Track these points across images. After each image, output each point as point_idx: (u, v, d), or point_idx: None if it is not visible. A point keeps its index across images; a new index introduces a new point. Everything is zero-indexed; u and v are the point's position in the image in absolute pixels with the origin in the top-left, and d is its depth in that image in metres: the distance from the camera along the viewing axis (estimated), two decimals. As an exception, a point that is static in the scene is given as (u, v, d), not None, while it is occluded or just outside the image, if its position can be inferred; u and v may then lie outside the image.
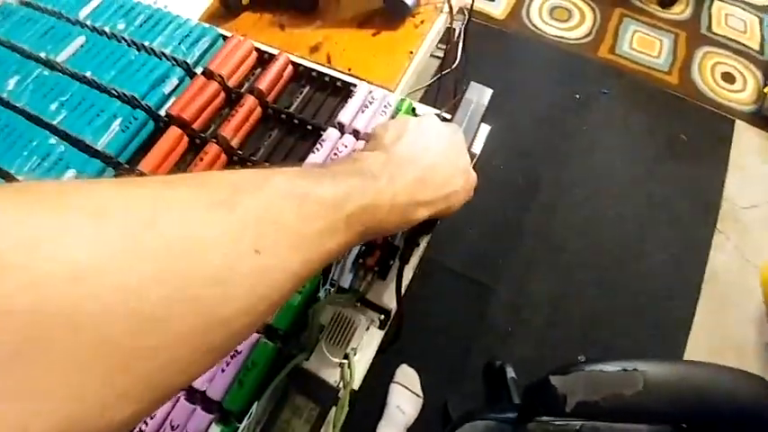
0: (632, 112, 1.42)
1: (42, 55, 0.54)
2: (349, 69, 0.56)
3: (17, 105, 0.51)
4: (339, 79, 0.52)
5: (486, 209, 1.20)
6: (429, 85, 0.83)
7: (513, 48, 1.54)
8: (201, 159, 0.46)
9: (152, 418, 0.36)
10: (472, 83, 0.48)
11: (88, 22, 0.56)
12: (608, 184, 1.30)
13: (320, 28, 0.62)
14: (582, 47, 1.54)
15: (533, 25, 1.58)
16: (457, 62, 0.75)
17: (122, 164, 0.47)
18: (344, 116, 0.48)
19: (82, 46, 0.54)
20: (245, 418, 0.37)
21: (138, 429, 0.36)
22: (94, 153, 0.48)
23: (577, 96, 1.42)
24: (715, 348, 1.08)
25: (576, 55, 1.52)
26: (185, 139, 0.49)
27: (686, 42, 1.54)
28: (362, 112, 0.49)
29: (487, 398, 1.05)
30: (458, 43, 0.77)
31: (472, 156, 0.44)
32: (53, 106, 0.51)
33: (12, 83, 0.53)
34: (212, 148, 0.47)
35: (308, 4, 0.62)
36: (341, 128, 0.48)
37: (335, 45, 0.60)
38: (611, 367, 0.45)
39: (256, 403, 0.38)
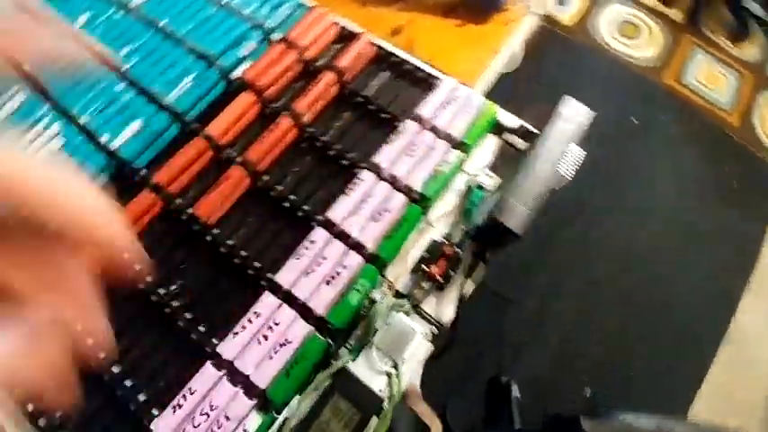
0: (687, 147, 1.36)
1: (118, -5, 0.51)
2: (430, 59, 0.53)
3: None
4: (422, 69, 0.49)
5: (520, 221, 1.17)
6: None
7: (575, 57, 1.47)
8: (272, 131, 0.44)
9: (192, 394, 0.35)
10: (567, 97, 0.44)
11: (168, -32, 0.53)
12: (648, 215, 1.26)
13: (403, 10, 0.58)
14: (646, 69, 1.47)
15: (599, 37, 1.50)
16: (518, 64, 0.71)
17: (190, 122, 0.45)
18: (425, 110, 0.45)
19: (160, -8, 0.52)
20: (285, 410, 0.36)
21: (176, 403, 0.35)
22: (162, 107, 0.46)
23: (633, 119, 1.36)
24: (722, 410, 1.05)
25: (638, 76, 1.45)
26: (257, 106, 0.46)
27: (752, 85, 1.46)
28: (444, 108, 0.46)
29: (487, 413, 1.04)
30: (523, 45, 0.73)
31: (561, 180, 0.41)
32: (124, 51, 0.48)
33: (82, 20, 0.51)
34: (284, 121, 0.45)
35: (395, -18, 0.58)
36: (420, 121, 0.45)
37: (418, 31, 0.57)
38: (646, 422, 0.43)
39: (297, 397, 0.37)
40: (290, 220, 0.42)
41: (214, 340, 0.37)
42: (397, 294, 0.41)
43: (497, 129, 0.47)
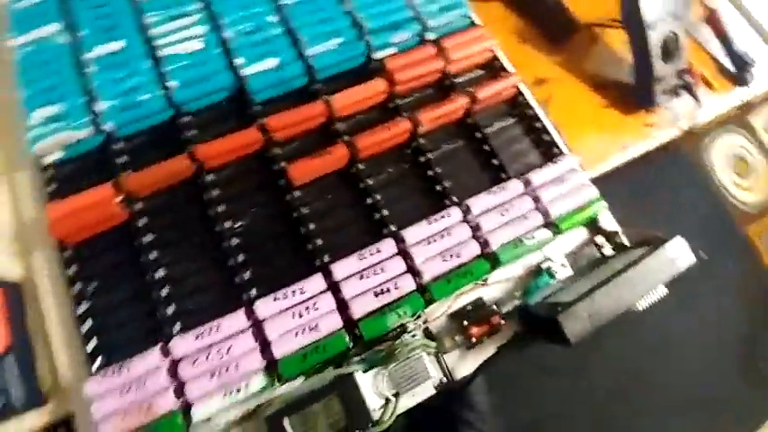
0: (739, 307, 1.29)
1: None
2: (559, 123, 0.51)
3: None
4: (549, 134, 0.48)
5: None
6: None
7: (676, 167, 1.40)
8: (387, 127, 0.44)
9: (216, 330, 0.37)
10: (679, 238, 0.43)
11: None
12: (676, 356, 1.20)
13: (557, 64, 0.56)
14: (738, 211, 1.38)
15: (708, 158, 1.42)
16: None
17: (318, 81, 0.46)
18: (536, 177, 0.44)
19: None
20: (286, 385, 0.38)
21: (199, 332, 0.37)
22: (301, 56, 0.46)
23: (702, 253, 1.29)
24: None
25: (727, 214, 1.37)
26: (384, 96, 0.46)
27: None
28: (555, 184, 0.45)
29: None
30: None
31: (631, 310, 0.40)
32: (287, -14, 0.49)
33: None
34: (402, 123, 0.44)
35: (562, 34, 0.56)
36: (527, 185, 0.44)
37: (561, 90, 0.55)
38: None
39: (301, 379, 0.38)
40: (365, 218, 0.43)
41: (254, 292, 0.39)
42: (428, 333, 0.41)
43: (592, 224, 0.46)
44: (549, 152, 0.47)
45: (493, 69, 0.50)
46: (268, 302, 0.38)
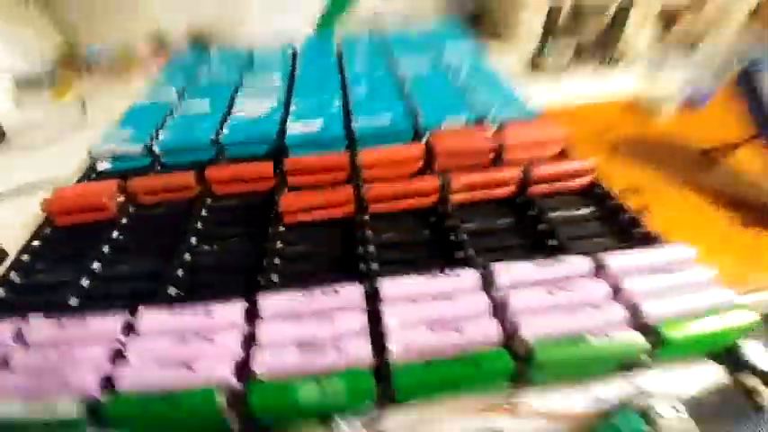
0: None
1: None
2: (661, 233, 0.35)
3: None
4: (633, 220, 0.33)
5: None
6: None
7: None
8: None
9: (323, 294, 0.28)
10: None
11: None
12: None
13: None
14: None
15: None
16: None
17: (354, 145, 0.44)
18: (615, 260, 0.28)
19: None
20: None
21: (297, 295, 0.29)
22: (347, 125, 0.47)
23: None
24: None
25: None
26: (420, 163, 0.41)
27: None
28: (651, 273, 0.27)
29: None
30: None
31: None
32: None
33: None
34: (428, 180, 0.37)
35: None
36: (598, 270, 0.28)
37: (663, 205, 0.41)
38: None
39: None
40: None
41: (380, 278, 0.30)
42: None
43: (731, 360, 0.24)
44: (631, 237, 0.32)
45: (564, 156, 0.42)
46: (396, 283, 0.29)
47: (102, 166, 0.45)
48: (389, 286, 0.28)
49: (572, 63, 0.69)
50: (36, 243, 0.36)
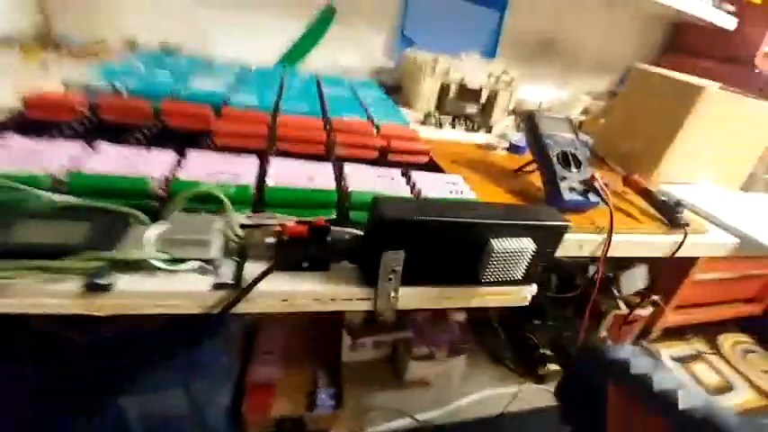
0: None
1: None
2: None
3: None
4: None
5: None
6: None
7: None
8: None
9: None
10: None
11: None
12: None
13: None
14: None
15: None
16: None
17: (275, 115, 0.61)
18: (415, 173, 0.47)
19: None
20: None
21: None
22: (276, 107, 0.64)
23: None
24: None
25: None
26: (322, 133, 0.59)
27: None
28: (435, 181, 0.46)
29: None
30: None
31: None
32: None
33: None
34: (321, 135, 0.55)
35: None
36: (406, 177, 0.47)
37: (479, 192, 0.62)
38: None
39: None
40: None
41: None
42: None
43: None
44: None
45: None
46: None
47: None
48: (278, 165, 0.43)
49: (452, 124, 0.96)
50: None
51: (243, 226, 0.35)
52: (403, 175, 0.47)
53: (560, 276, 1.14)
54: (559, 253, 0.57)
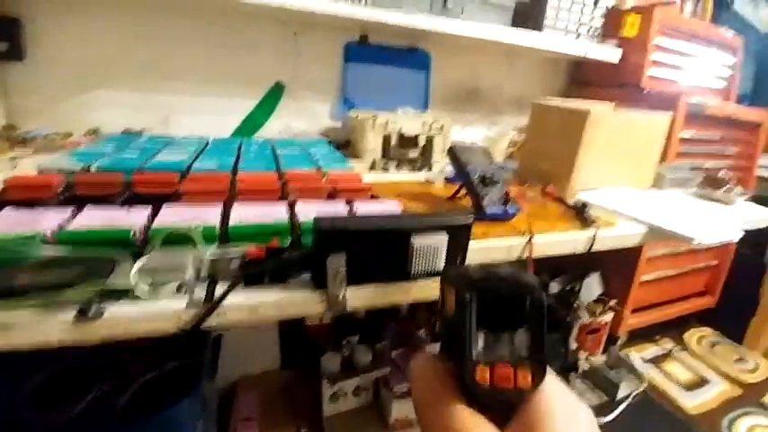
0: None
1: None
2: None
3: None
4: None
5: None
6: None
7: None
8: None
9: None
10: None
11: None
12: None
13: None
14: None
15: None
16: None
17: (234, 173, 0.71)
18: (357, 203, 0.56)
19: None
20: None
21: None
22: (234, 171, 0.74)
23: None
24: None
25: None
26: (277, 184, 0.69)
27: None
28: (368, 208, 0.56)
29: None
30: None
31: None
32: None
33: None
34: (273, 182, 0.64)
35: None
36: (349, 205, 0.56)
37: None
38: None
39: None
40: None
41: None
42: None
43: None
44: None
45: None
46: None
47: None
48: (239, 209, 0.52)
49: (398, 167, 1.09)
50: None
51: (212, 258, 0.42)
52: (347, 203, 0.56)
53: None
54: (492, 257, 0.66)
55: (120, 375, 0.79)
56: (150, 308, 0.36)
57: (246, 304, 0.39)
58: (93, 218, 0.44)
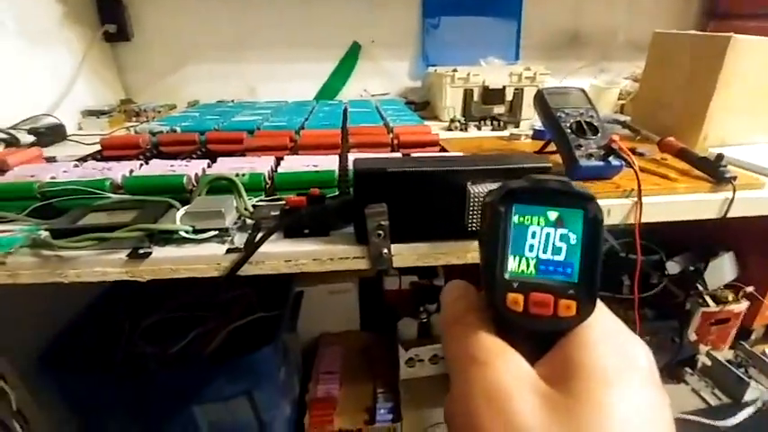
0: None
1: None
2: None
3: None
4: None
5: None
6: None
7: None
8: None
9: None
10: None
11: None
12: None
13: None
14: None
15: None
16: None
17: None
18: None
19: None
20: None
21: None
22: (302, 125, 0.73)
23: None
24: None
25: None
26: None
27: None
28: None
29: None
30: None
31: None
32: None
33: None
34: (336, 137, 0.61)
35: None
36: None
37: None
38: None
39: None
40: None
41: None
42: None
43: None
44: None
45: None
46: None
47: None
48: (290, 160, 0.50)
49: (478, 126, 0.99)
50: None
51: (255, 205, 0.41)
52: (404, 155, 0.50)
53: (632, 275, 1.05)
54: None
55: (214, 321, 0.88)
56: (193, 251, 0.36)
57: (283, 253, 0.37)
58: (157, 167, 0.46)
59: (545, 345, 0.18)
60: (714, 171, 0.57)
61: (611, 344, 0.17)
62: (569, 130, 0.59)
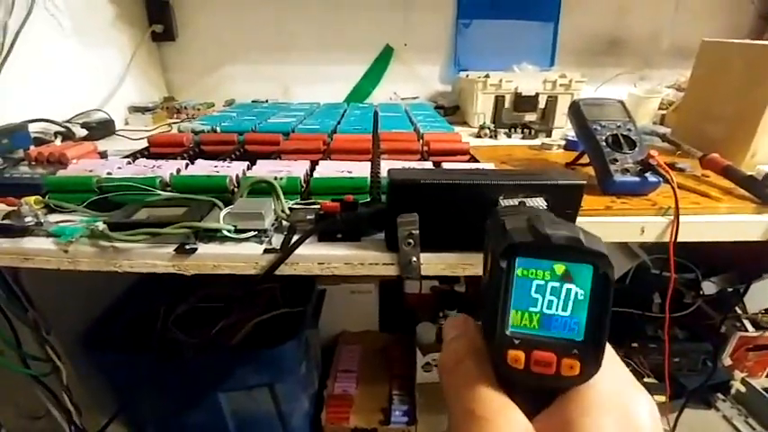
0: None
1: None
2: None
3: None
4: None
5: None
6: None
7: None
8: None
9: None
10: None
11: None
12: None
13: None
14: None
15: None
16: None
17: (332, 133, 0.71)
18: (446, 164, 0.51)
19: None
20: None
21: None
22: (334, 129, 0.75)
23: None
24: None
25: None
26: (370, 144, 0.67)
27: None
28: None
29: None
30: None
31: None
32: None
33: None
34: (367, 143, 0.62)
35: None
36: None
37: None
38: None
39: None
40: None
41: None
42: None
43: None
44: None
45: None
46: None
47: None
48: (325, 165, 0.52)
49: (508, 133, 0.98)
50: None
51: (291, 208, 0.43)
52: (435, 165, 0.51)
53: (663, 294, 1.02)
54: (617, 238, 0.54)
55: (239, 313, 0.91)
56: (234, 250, 0.39)
57: (317, 256, 0.38)
58: (202, 168, 0.49)
59: (545, 399, 0.17)
60: (761, 191, 0.54)
61: (613, 407, 0.16)
62: (605, 144, 0.58)
